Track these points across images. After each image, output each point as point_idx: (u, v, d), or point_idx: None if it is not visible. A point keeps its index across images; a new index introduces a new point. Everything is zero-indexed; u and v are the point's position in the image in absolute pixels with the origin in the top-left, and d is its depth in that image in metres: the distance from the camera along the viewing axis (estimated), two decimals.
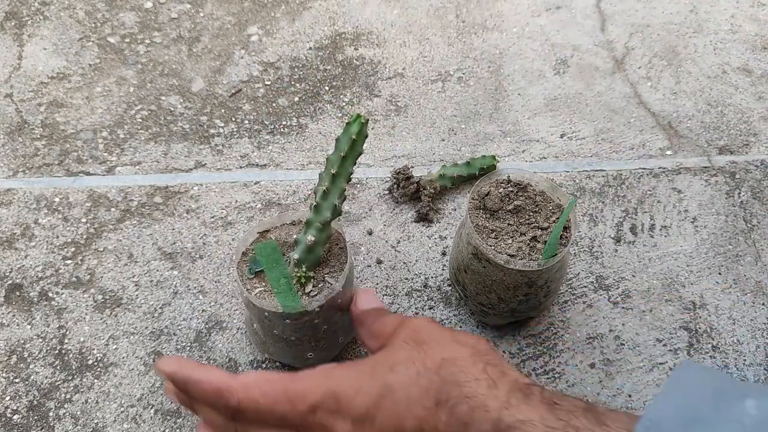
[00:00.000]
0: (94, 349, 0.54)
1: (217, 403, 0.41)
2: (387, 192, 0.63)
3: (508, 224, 0.49)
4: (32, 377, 0.52)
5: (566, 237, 0.48)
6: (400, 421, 0.37)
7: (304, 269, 0.46)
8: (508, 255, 0.47)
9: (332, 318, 0.46)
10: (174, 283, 0.57)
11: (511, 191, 0.50)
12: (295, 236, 0.47)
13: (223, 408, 0.41)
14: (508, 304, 0.46)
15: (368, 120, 0.43)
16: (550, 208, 0.50)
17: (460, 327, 0.55)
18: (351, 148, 0.43)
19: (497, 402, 0.35)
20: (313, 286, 0.46)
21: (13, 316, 0.55)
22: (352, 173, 0.45)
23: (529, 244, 0.48)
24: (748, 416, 0.30)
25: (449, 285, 0.57)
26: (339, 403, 0.38)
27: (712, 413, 0.30)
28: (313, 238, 0.45)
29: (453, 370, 0.37)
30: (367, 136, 0.43)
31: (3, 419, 0.50)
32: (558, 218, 0.49)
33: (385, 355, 0.40)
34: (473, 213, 0.50)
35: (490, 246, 0.47)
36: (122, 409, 0.51)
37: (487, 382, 0.36)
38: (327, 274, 0.47)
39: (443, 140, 0.66)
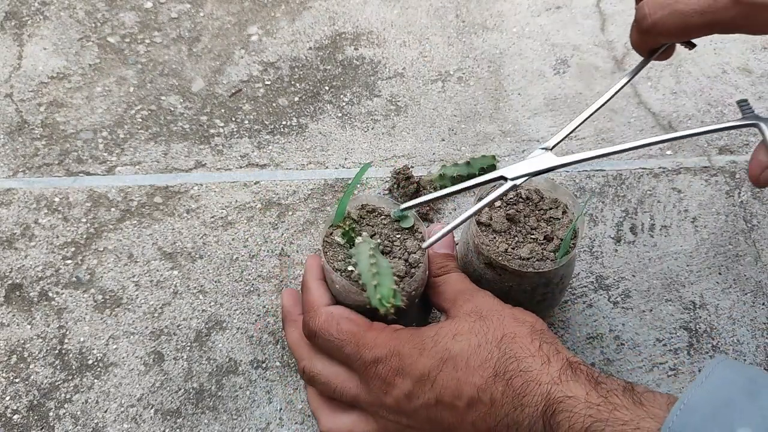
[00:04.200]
0: (94, 349, 0.54)
1: (305, 318, 0.45)
2: (387, 192, 0.63)
3: (517, 230, 0.49)
4: (32, 377, 0.52)
5: (575, 236, 0.48)
6: (459, 385, 0.39)
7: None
8: (522, 259, 0.47)
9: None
10: (174, 283, 0.57)
11: (520, 200, 0.50)
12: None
13: (305, 325, 0.45)
14: (526, 307, 0.46)
15: None
16: (558, 213, 0.50)
17: None
18: None
19: (549, 377, 0.38)
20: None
21: (13, 316, 0.55)
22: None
23: (541, 245, 0.48)
24: None
25: None
26: (402, 362, 0.41)
27: (745, 400, 0.33)
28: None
29: (512, 346, 0.40)
30: None
31: (3, 419, 0.50)
32: (570, 220, 0.50)
33: (449, 325, 0.42)
34: (480, 227, 0.49)
35: (502, 252, 0.47)
36: (122, 409, 0.51)
37: (542, 359, 0.39)
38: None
39: (443, 140, 0.66)
